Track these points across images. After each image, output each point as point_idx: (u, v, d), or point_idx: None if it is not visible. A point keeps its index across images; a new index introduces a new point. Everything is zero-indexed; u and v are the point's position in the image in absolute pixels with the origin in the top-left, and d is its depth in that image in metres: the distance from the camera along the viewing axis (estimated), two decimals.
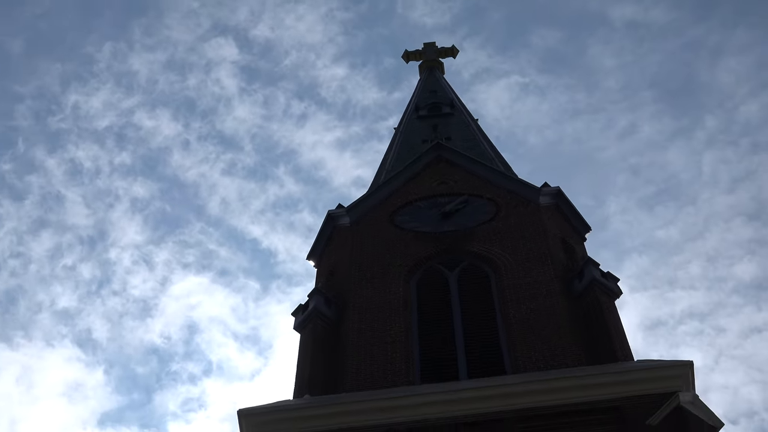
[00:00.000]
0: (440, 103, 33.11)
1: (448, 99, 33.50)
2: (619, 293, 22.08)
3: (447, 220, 25.27)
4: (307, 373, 20.56)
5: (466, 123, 31.76)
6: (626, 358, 19.53)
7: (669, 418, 16.90)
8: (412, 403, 18.26)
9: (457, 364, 20.66)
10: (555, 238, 24.37)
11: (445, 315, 22.12)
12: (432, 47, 36.80)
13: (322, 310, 22.32)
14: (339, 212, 26.66)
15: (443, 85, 34.60)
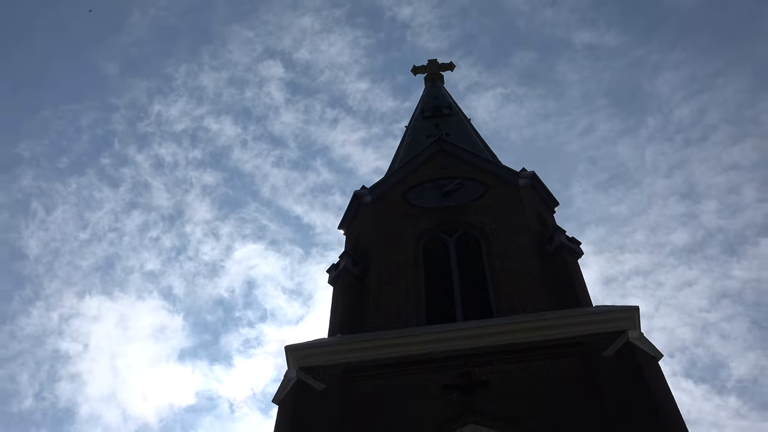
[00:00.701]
0: (441, 107, 33.21)
1: (447, 103, 33.60)
2: (581, 254, 22.38)
3: (447, 197, 25.27)
4: (339, 317, 20.88)
5: (462, 122, 31.88)
6: (587, 304, 19.81)
7: (620, 351, 17.18)
8: (420, 340, 18.58)
9: (455, 309, 20.84)
10: (531, 211, 24.51)
11: (445, 271, 22.30)
12: (434, 63, 36.98)
13: (350, 268, 22.62)
14: (363, 192, 26.63)
15: (443, 93, 34.72)
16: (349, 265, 22.76)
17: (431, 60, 36.78)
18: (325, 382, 17.68)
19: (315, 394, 17.42)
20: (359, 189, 26.59)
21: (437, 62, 36.85)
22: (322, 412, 16.94)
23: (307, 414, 16.91)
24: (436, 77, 36.28)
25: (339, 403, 17.18)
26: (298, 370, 18.01)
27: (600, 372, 16.89)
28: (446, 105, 33.45)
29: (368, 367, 18.12)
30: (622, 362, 16.96)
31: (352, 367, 18.13)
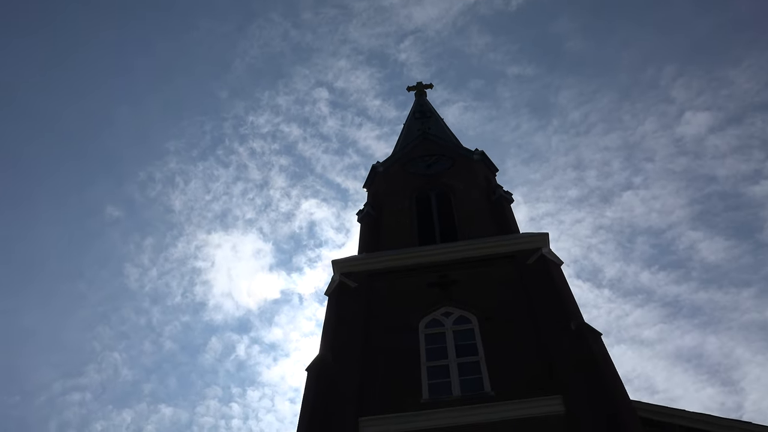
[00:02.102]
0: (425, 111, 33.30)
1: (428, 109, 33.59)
2: (512, 201, 22.21)
3: (429, 168, 25.12)
4: (364, 242, 21.05)
5: (438, 121, 31.92)
6: (517, 232, 19.98)
7: (538, 260, 17.41)
8: (413, 255, 18.71)
9: (435, 236, 21.06)
10: (481, 175, 24.27)
11: (429, 214, 22.29)
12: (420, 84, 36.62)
13: (370, 212, 22.63)
14: (377, 165, 26.30)
15: (426, 103, 34.90)
16: (370, 211, 22.74)
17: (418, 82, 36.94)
18: (356, 281, 17.87)
19: (350, 289, 17.64)
20: (375, 163, 27.03)
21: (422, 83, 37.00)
22: (355, 300, 17.22)
23: (346, 301, 17.23)
24: (421, 92, 36.42)
25: (365, 294, 17.39)
26: (340, 275, 18.18)
27: (526, 273, 17.18)
28: (428, 110, 33.52)
29: (382, 272, 18.23)
30: (538, 267, 17.29)
31: (372, 272, 18.27)
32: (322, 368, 14.60)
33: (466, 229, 20.68)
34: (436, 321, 16.24)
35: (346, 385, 14.20)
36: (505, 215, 21.06)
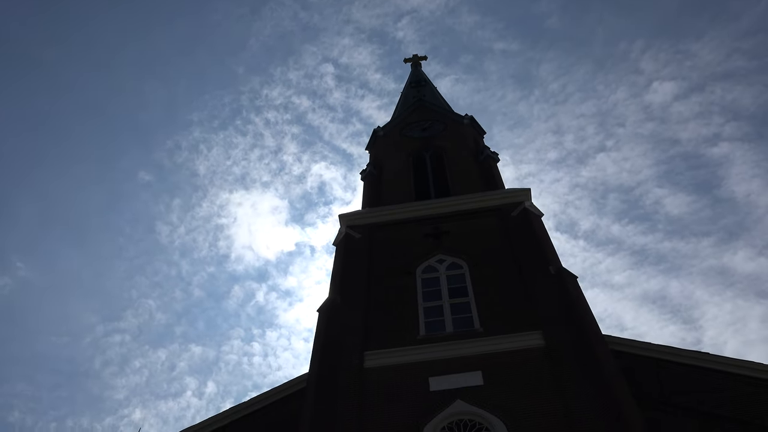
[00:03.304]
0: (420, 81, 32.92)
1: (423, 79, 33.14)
2: (498, 161, 22.12)
3: (424, 132, 24.55)
4: (367, 198, 20.84)
5: (432, 90, 31.53)
6: (502, 187, 19.79)
7: (521, 213, 17.26)
8: (410, 209, 18.46)
9: (429, 192, 20.89)
10: (470, 137, 23.98)
11: (424, 172, 22.04)
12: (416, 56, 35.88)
13: (372, 172, 22.44)
14: (378, 130, 25.56)
15: (421, 73, 34.32)
16: (371, 170, 22.56)
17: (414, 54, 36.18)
18: (360, 233, 17.76)
19: (355, 240, 17.55)
20: (376, 128, 26.68)
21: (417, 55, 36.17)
22: (359, 249, 17.14)
23: (351, 250, 17.15)
24: (417, 64, 35.70)
25: (368, 245, 17.29)
26: (346, 227, 18.07)
27: (510, 225, 17.07)
28: (423, 80, 33.00)
29: (383, 225, 18.07)
30: (521, 219, 17.16)
31: (374, 224, 18.11)
32: (331, 309, 14.61)
33: (458, 186, 20.49)
34: (431, 267, 16.18)
35: (353, 324, 14.24)
36: (491, 173, 20.88)
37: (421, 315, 14.41)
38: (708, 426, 11.44)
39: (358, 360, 13.08)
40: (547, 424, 10.95)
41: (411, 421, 11.50)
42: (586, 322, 12.77)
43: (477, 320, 13.92)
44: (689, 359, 12.78)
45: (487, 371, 12.32)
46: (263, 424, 13.35)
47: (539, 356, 12.49)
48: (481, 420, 11.30)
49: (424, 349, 13.16)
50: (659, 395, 12.22)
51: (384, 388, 12.38)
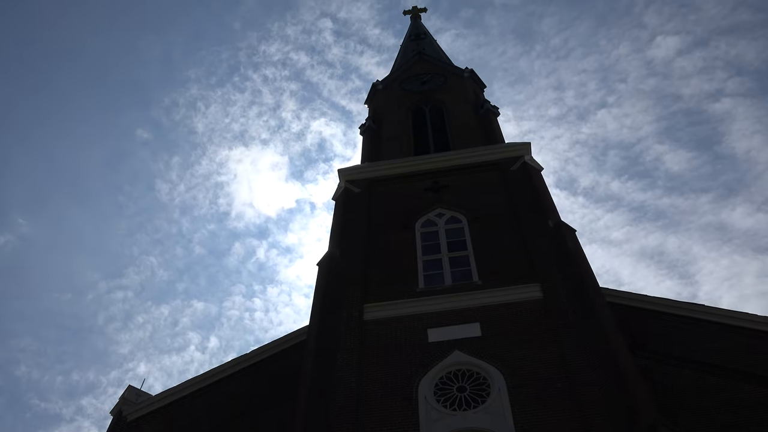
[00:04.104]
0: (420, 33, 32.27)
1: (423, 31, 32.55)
2: (498, 114, 21.87)
3: (424, 85, 24.36)
4: (366, 152, 20.76)
5: (432, 43, 30.87)
6: (502, 141, 19.69)
7: (521, 167, 17.19)
8: (409, 164, 18.34)
9: (429, 146, 20.83)
10: (470, 91, 23.75)
11: (423, 126, 21.93)
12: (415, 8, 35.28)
13: (371, 126, 22.27)
14: (377, 83, 25.48)
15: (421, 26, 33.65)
16: (371, 125, 22.39)
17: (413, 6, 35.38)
18: (359, 187, 17.72)
19: (354, 194, 17.52)
20: (375, 81, 26.29)
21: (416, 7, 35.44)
22: (358, 204, 17.10)
23: (350, 205, 17.10)
24: (416, 16, 34.96)
25: (367, 199, 17.25)
26: (345, 182, 18.05)
27: (509, 178, 16.98)
28: (423, 33, 32.40)
29: (382, 179, 18.02)
30: (521, 173, 17.10)
31: (374, 179, 18.08)
32: (331, 263, 14.65)
33: (457, 140, 20.36)
34: (430, 221, 16.16)
35: (352, 277, 14.29)
36: (491, 127, 20.71)
37: (420, 268, 14.44)
38: (702, 375, 11.60)
39: (357, 312, 13.18)
40: (544, 373, 11.10)
41: (410, 371, 11.65)
42: (584, 274, 12.79)
43: (475, 273, 13.96)
44: (684, 311, 12.87)
45: (485, 323, 12.41)
46: (264, 376, 13.54)
47: (537, 308, 12.57)
48: (479, 370, 11.44)
49: (423, 301, 13.22)
50: (654, 346, 12.35)
51: (383, 339, 12.50)
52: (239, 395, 13.18)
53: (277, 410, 12.47)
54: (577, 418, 10.11)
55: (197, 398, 13.36)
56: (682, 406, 11.00)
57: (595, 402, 10.20)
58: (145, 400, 13.40)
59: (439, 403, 10.90)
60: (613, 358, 10.59)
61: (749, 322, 12.30)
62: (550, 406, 10.42)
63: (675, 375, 11.67)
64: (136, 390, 13.71)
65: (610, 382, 10.32)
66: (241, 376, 13.68)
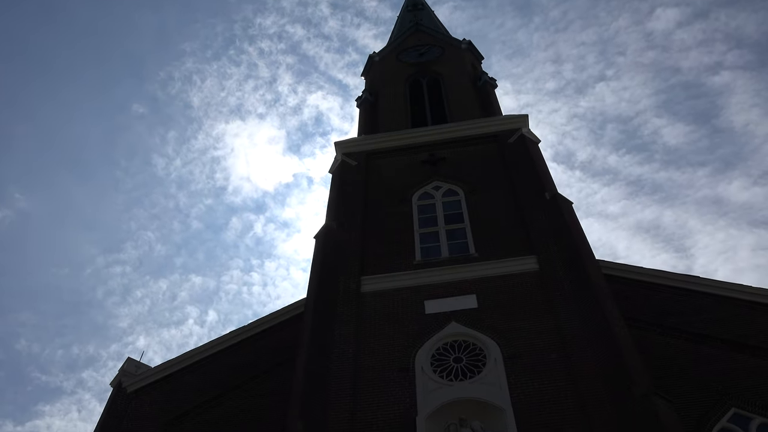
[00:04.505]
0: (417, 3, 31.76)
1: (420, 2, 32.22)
2: (496, 86, 21.83)
3: (421, 56, 24.08)
4: (363, 125, 20.72)
5: (430, 14, 30.59)
6: (500, 114, 19.66)
7: (518, 139, 16.99)
8: (407, 136, 18.22)
9: (426, 119, 20.68)
10: (468, 62, 23.59)
11: (421, 99, 21.73)
12: None
13: (368, 98, 22.24)
14: (374, 55, 25.23)
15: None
16: (367, 97, 22.34)
17: None
18: (356, 160, 17.68)
19: (351, 167, 17.45)
20: (372, 53, 26.00)
21: None
22: (355, 176, 17.04)
23: (347, 177, 17.04)
24: None
25: (364, 172, 17.19)
26: (342, 155, 17.99)
27: (507, 151, 16.90)
28: (420, 3, 31.96)
29: (379, 152, 17.95)
30: (518, 145, 17.00)
31: (370, 151, 18.01)
32: (327, 235, 14.64)
33: (455, 112, 20.22)
34: (427, 194, 16.14)
35: (349, 250, 14.29)
36: (489, 99, 20.60)
37: (417, 241, 14.45)
38: (696, 345, 11.70)
39: (354, 285, 13.21)
40: (540, 344, 11.17)
41: (407, 342, 11.71)
42: (580, 246, 12.80)
43: (472, 245, 13.95)
44: (679, 282, 12.92)
45: (481, 295, 12.45)
46: (262, 348, 13.61)
47: (533, 280, 12.60)
48: (475, 341, 11.51)
49: (420, 273, 13.24)
50: (650, 317, 12.42)
51: (380, 311, 12.55)
52: (238, 367, 13.26)
53: (275, 381, 12.57)
54: (572, 388, 10.19)
55: (196, 370, 13.44)
56: (677, 376, 11.10)
57: (590, 372, 10.28)
58: (144, 372, 13.48)
59: (435, 373, 10.97)
60: (609, 329, 10.65)
61: (743, 293, 12.36)
62: (546, 376, 10.48)
63: (670, 346, 11.76)
64: (136, 362, 13.79)
65: (604, 353, 10.39)
66: (240, 348, 13.74)
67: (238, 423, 11.97)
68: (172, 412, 12.57)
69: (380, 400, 10.67)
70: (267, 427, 11.56)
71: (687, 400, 10.59)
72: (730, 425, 10.22)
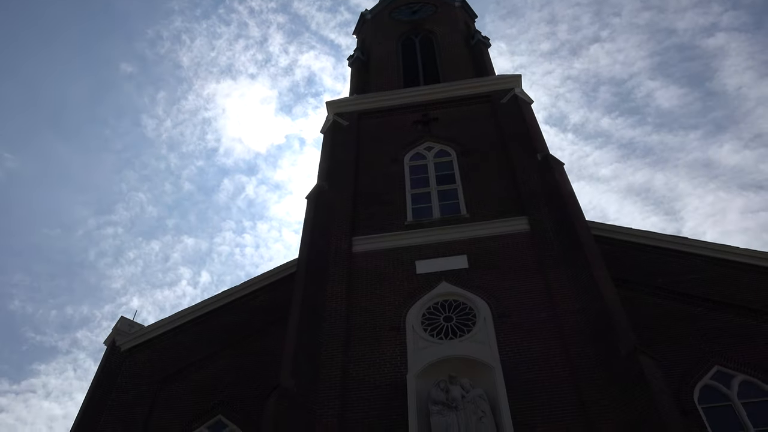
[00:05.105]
0: None
1: None
2: (489, 45, 21.38)
3: (414, 14, 23.69)
4: (355, 84, 20.41)
5: None
6: (493, 74, 19.39)
7: (510, 99, 16.97)
8: (398, 96, 18.02)
9: (419, 78, 20.34)
10: (461, 21, 23.15)
11: (414, 58, 21.41)
12: None
13: (360, 57, 21.82)
14: (366, 13, 24.74)
15: None
16: (359, 56, 21.93)
17: None
18: (348, 120, 17.48)
19: (342, 127, 17.28)
20: (364, 11, 25.39)
21: None
22: (347, 137, 16.89)
23: (339, 138, 16.90)
24: None
25: (356, 132, 17.06)
26: (334, 115, 17.80)
27: (499, 111, 16.75)
28: None
29: (371, 112, 17.75)
30: (511, 105, 16.86)
31: (362, 111, 17.78)
32: (319, 196, 14.57)
33: (447, 72, 19.98)
34: (419, 154, 16.03)
35: (341, 210, 14.27)
36: (482, 59, 20.30)
37: (409, 201, 14.42)
38: (682, 305, 11.83)
39: (346, 245, 13.22)
40: (529, 303, 11.26)
41: (398, 302, 11.79)
42: (571, 207, 12.81)
43: (464, 206, 13.93)
44: (668, 243, 12.98)
45: (472, 255, 12.50)
46: (255, 307, 13.67)
47: (523, 240, 12.64)
48: (465, 300, 11.60)
49: (411, 234, 13.25)
50: (638, 277, 12.51)
51: (372, 271, 12.60)
52: (231, 326, 13.33)
53: (268, 339, 12.67)
54: (559, 346, 10.33)
55: (189, 329, 13.51)
56: (663, 335, 11.25)
57: (578, 331, 10.41)
58: (137, 331, 13.53)
59: (426, 332, 11.07)
60: (597, 288, 10.73)
61: (731, 254, 12.44)
62: (534, 334, 10.61)
63: (657, 306, 11.88)
64: (129, 321, 13.83)
65: (593, 312, 10.50)
66: (233, 308, 13.80)
67: (231, 381, 12.10)
68: (165, 370, 12.68)
69: (371, 358, 10.77)
70: (259, 385, 11.70)
71: (672, 358, 10.76)
72: (713, 382, 10.41)
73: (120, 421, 11.72)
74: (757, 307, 11.41)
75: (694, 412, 9.82)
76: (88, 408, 12.04)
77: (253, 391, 11.69)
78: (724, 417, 9.84)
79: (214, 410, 11.64)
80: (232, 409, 11.57)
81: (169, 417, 11.75)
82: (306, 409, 9.73)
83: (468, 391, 9.69)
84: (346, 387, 10.28)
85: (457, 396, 9.62)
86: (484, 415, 9.34)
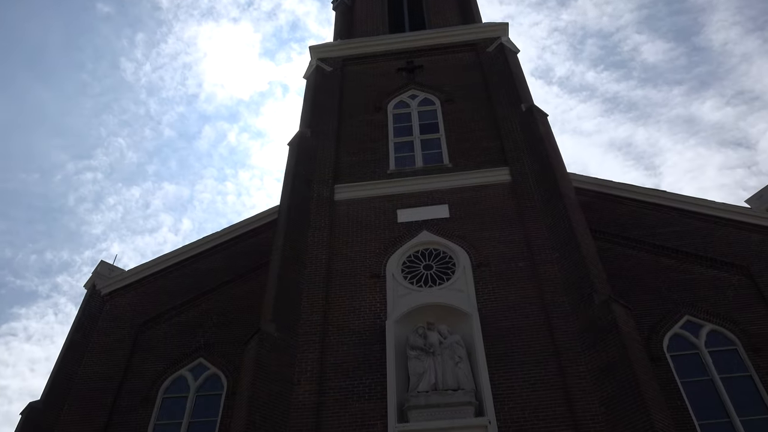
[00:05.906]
0: None
1: None
2: None
3: None
4: (338, 29, 19.93)
5: None
6: (480, 21, 18.92)
7: (497, 48, 16.63)
8: (384, 42, 17.52)
9: (404, 25, 19.94)
10: None
11: (399, 3, 20.97)
12: None
13: (344, 0, 21.15)
14: None
15: None
16: None
17: None
18: (332, 66, 17.15)
19: (326, 73, 16.93)
20: None
21: None
22: (330, 83, 16.55)
23: (322, 84, 16.54)
24: None
25: (339, 79, 16.71)
26: (317, 60, 17.41)
27: (485, 60, 16.49)
28: None
29: (355, 58, 17.34)
30: (497, 54, 16.56)
31: (346, 57, 17.41)
32: (302, 142, 14.37)
33: (434, 18, 19.55)
34: (403, 102, 15.80)
35: (323, 157, 14.12)
36: (469, 6, 19.85)
37: (392, 150, 14.30)
38: (656, 257, 12.04)
39: (328, 192, 13.14)
40: (508, 253, 11.36)
41: (378, 249, 11.83)
42: (552, 158, 12.77)
43: (446, 156, 13.84)
44: (644, 196, 13.13)
45: (453, 204, 12.51)
46: (236, 253, 13.66)
47: (505, 191, 12.65)
48: (445, 249, 11.67)
49: (393, 182, 13.18)
50: (616, 229, 12.68)
51: (353, 219, 12.58)
52: (212, 270, 13.34)
53: (249, 285, 12.72)
54: (536, 294, 10.48)
55: (170, 274, 13.49)
56: (637, 286, 11.49)
57: (555, 280, 10.55)
58: (118, 275, 13.48)
59: (406, 279, 11.17)
60: (574, 239, 10.84)
61: (705, 207, 12.63)
62: (512, 283, 10.73)
63: (631, 257, 12.09)
64: (109, 265, 13.75)
65: (569, 262, 10.63)
66: (214, 253, 13.78)
67: (212, 325, 12.18)
68: (146, 313, 12.71)
69: (352, 304, 10.86)
70: (240, 329, 11.80)
71: (645, 308, 11.03)
72: (682, 331, 10.72)
73: (101, 363, 11.79)
74: (729, 260, 11.66)
75: (662, 359, 10.15)
76: (69, 350, 12.08)
77: (234, 335, 11.80)
78: (691, 364, 10.18)
79: (195, 353, 11.76)
80: (213, 353, 11.70)
81: (150, 360, 11.85)
82: (286, 352, 9.85)
83: (445, 337, 9.86)
84: (326, 332, 10.38)
85: (434, 341, 9.79)
86: (460, 360, 9.53)
